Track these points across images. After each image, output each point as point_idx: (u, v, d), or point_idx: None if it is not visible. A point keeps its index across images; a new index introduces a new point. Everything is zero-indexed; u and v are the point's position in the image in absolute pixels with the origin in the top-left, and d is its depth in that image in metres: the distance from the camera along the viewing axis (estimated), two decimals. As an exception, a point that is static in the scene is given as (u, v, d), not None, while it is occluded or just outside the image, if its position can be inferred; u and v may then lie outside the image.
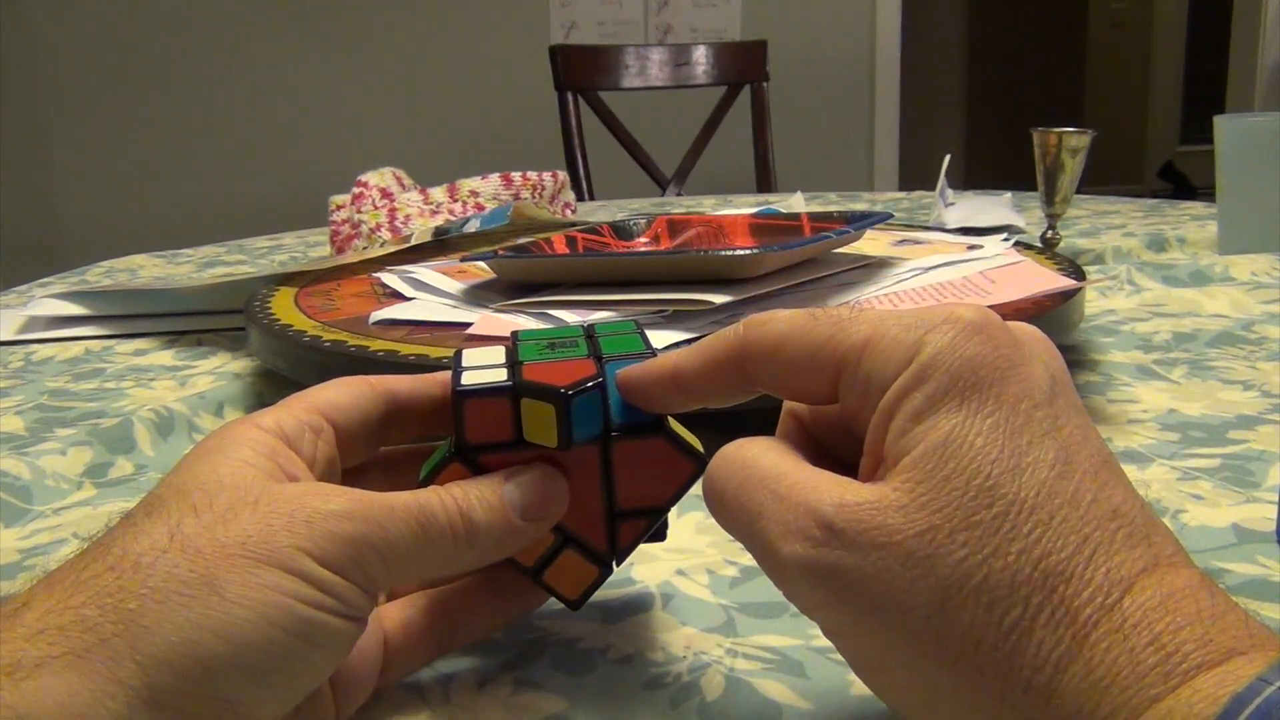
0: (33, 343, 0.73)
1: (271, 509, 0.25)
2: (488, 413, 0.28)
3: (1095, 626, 0.21)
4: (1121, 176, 5.35)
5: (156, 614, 0.23)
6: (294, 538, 0.25)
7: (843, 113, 3.24)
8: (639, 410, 0.29)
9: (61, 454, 0.50)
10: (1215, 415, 0.51)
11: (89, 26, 3.09)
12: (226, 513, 0.25)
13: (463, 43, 3.15)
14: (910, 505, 0.22)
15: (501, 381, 0.29)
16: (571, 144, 1.92)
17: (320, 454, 0.29)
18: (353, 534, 0.25)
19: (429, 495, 0.27)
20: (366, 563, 0.26)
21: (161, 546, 0.24)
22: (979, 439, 0.23)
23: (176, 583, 0.23)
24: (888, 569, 0.22)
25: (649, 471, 0.30)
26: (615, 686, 0.31)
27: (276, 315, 0.60)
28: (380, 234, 0.89)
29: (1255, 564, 0.37)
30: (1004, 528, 0.22)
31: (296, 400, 0.30)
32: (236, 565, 0.24)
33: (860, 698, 0.30)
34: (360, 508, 0.26)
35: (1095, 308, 0.73)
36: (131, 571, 0.24)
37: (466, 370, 0.30)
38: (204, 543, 0.24)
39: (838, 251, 0.67)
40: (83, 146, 3.17)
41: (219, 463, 0.27)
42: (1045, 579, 0.21)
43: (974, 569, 0.22)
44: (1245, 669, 0.19)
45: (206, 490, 0.26)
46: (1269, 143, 0.83)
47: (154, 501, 0.26)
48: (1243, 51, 3.42)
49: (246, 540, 0.24)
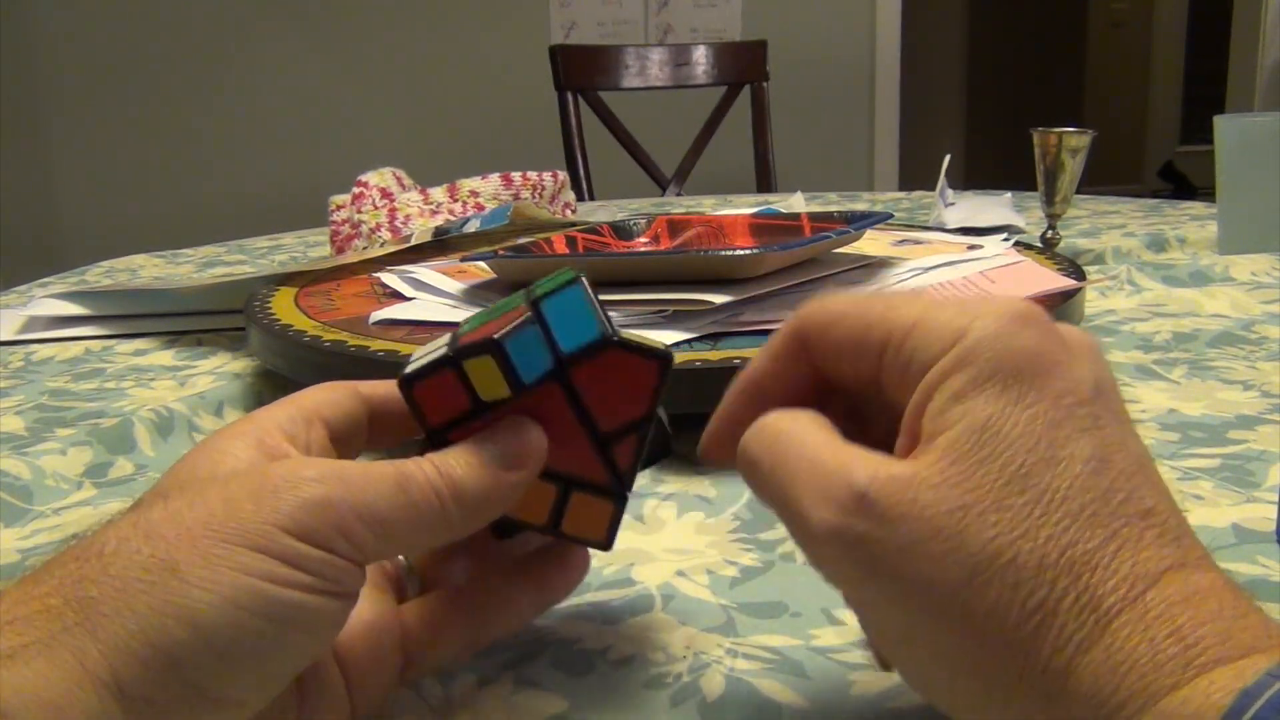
0: (33, 343, 0.73)
1: (240, 485, 0.25)
2: (438, 390, 0.28)
3: (1118, 615, 0.21)
4: (1121, 176, 5.35)
5: (115, 601, 0.22)
6: (261, 511, 0.24)
7: (843, 113, 3.23)
8: (586, 331, 0.29)
9: (61, 454, 0.50)
10: (1215, 415, 0.51)
11: (89, 26, 3.09)
12: (194, 496, 0.24)
13: (463, 43, 3.15)
14: (943, 483, 0.23)
15: (440, 354, 0.28)
16: (571, 144, 1.91)
17: (315, 442, 0.29)
18: (327, 497, 0.24)
19: (405, 461, 0.27)
20: (348, 529, 0.25)
21: (125, 535, 0.24)
22: (1017, 428, 0.23)
23: (136, 569, 0.23)
24: (917, 543, 0.22)
25: (617, 386, 0.29)
26: (615, 686, 0.31)
27: (276, 315, 0.60)
28: (380, 234, 0.89)
29: (1255, 564, 0.37)
30: (1034, 514, 0.22)
31: (287, 401, 0.30)
32: (199, 546, 0.23)
33: (860, 697, 0.30)
34: (333, 470, 0.25)
35: (1095, 308, 0.73)
36: (95, 560, 0.23)
37: (412, 362, 0.29)
38: (166, 527, 0.24)
39: (838, 251, 0.67)
40: (83, 146, 3.17)
41: (202, 458, 0.27)
42: (1071, 565, 0.22)
43: (1003, 548, 0.22)
44: (1263, 665, 0.20)
45: (181, 481, 0.26)
46: (1269, 143, 0.83)
47: (135, 502, 0.26)
48: (1243, 51, 3.42)
49: (210, 519, 0.24)
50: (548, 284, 0.30)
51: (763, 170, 1.99)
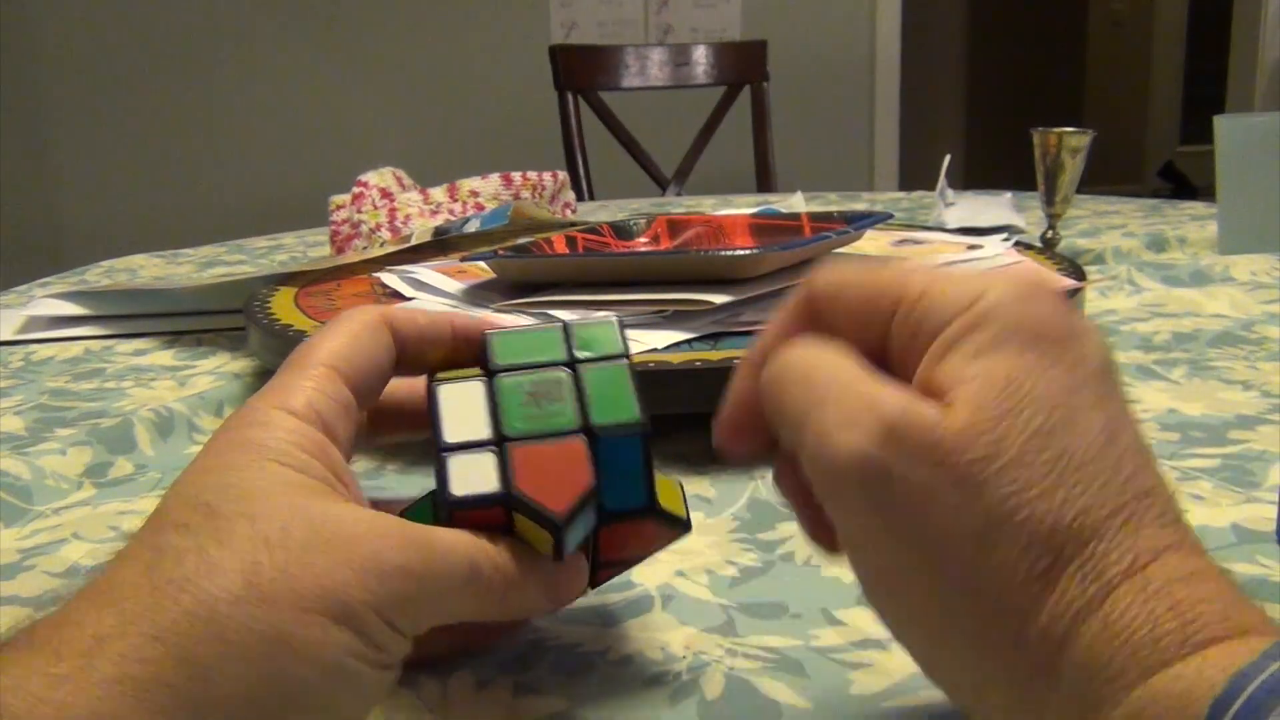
0: (33, 343, 0.73)
1: (345, 556, 0.25)
2: (479, 517, 0.28)
3: (1118, 586, 0.21)
4: (1121, 176, 5.34)
5: (232, 671, 0.23)
6: (365, 593, 0.24)
7: (843, 113, 3.23)
8: (629, 491, 0.29)
9: (61, 454, 0.50)
10: (1215, 415, 0.51)
11: (89, 27, 3.09)
12: (301, 554, 0.24)
13: (463, 43, 3.15)
14: (968, 431, 0.22)
15: (494, 492, 0.28)
16: (571, 144, 1.91)
17: (348, 432, 0.29)
18: (417, 594, 0.25)
19: (479, 553, 0.27)
20: (421, 620, 0.26)
21: (237, 592, 0.23)
22: (1039, 386, 0.23)
23: (253, 637, 0.23)
24: (937, 488, 0.22)
25: (634, 539, 0.30)
26: (615, 686, 0.31)
27: (276, 315, 0.60)
28: (380, 234, 0.89)
29: (1255, 564, 0.37)
30: (1053, 473, 0.22)
31: (316, 366, 0.29)
32: (313, 624, 0.24)
33: (860, 698, 0.30)
34: (425, 564, 0.26)
35: (1095, 308, 0.73)
36: (206, 622, 0.23)
37: (448, 438, 0.28)
38: (280, 591, 0.24)
39: (838, 251, 0.67)
40: (83, 146, 3.17)
41: (272, 471, 0.26)
42: (1080, 532, 0.21)
43: (1019, 506, 0.22)
44: (1258, 646, 0.20)
45: (273, 515, 0.25)
46: (1269, 143, 0.83)
47: (215, 517, 0.25)
48: (1243, 51, 3.42)
49: (322, 594, 0.24)
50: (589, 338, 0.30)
51: (763, 170, 1.99)
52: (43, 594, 0.38)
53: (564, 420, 0.29)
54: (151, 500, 0.47)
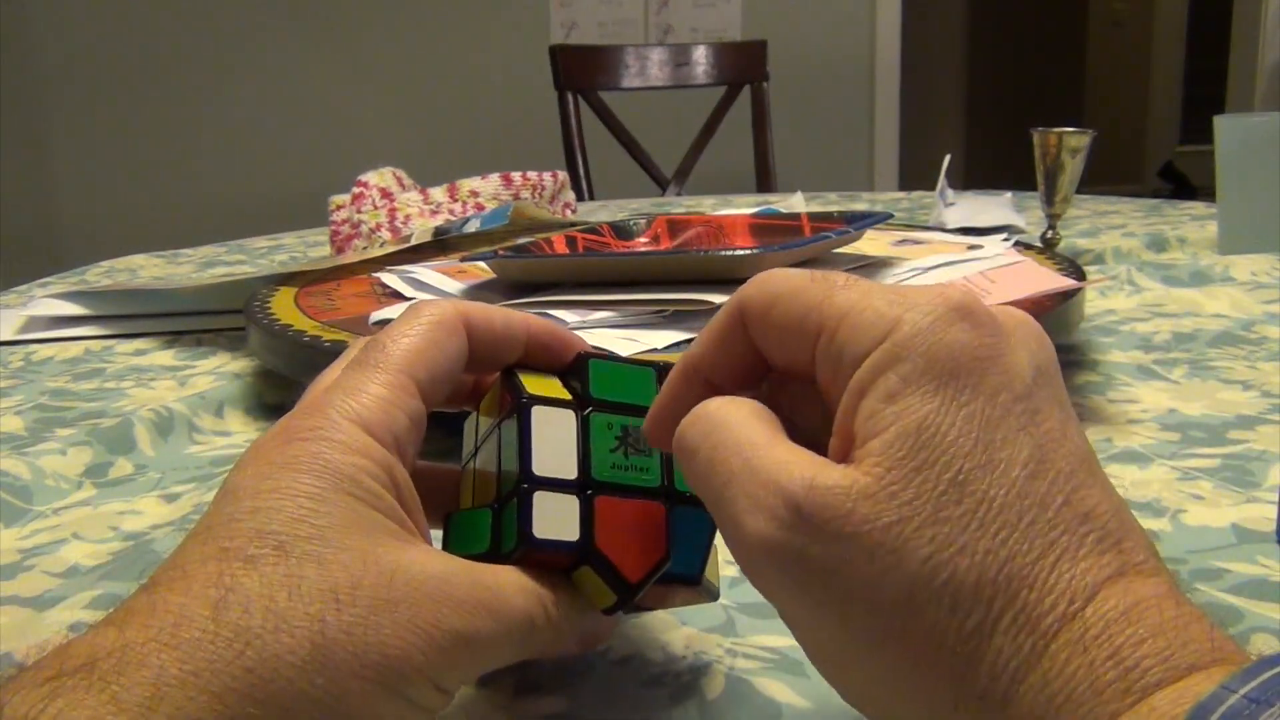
0: (33, 343, 0.73)
1: (410, 618, 0.24)
2: (547, 558, 0.27)
3: (1055, 637, 0.20)
4: (1121, 176, 5.35)
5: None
6: (424, 660, 0.24)
7: (843, 113, 3.23)
8: (687, 560, 0.29)
9: (61, 454, 0.50)
10: (1215, 415, 0.51)
11: (89, 26, 3.09)
12: (368, 615, 0.24)
13: (463, 43, 3.15)
14: (880, 494, 0.21)
15: (573, 542, 0.27)
16: (571, 144, 1.91)
17: (416, 449, 0.28)
18: (472, 662, 0.26)
19: (537, 609, 0.27)
20: (467, 681, 0.26)
21: (303, 656, 0.23)
22: (952, 430, 0.22)
23: (309, 704, 0.23)
24: (853, 561, 0.21)
25: (666, 595, 0.30)
26: (615, 686, 0.31)
27: (276, 315, 0.60)
28: (380, 234, 0.89)
29: (1255, 564, 0.37)
30: (971, 525, 0.21)
31: (393, 372, 0.28)
32: (369, 693, 0.23)
33: (860, 698, 0.30)
34: (489, 630, 0.25)
35: (1095, 308, 0.73)
36: (268, 683, 0.23)
37: (537, 469, 0.28)
38: (342, 657, 0.23)
39: (838, 251, 0.67)
40: (83, 146, 3.17)
41: (344, 507, 0.25)
42: (1009, 583, 0.21)
43: (940, 566, 0.21)
44: (1203, 685, 0.19)
45: (345, 564, 0.24)
46: (1269, 143, 0.83)
47: (286, 557, 0.24)
48: (1243, 51, 3.42)
49: (383, 661, 0.24)
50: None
51: (763, 170, 1.99)
52: (43, 594, 0.38)
53: (649, 478, 0.29)
54: (152, 500, 0.47)
